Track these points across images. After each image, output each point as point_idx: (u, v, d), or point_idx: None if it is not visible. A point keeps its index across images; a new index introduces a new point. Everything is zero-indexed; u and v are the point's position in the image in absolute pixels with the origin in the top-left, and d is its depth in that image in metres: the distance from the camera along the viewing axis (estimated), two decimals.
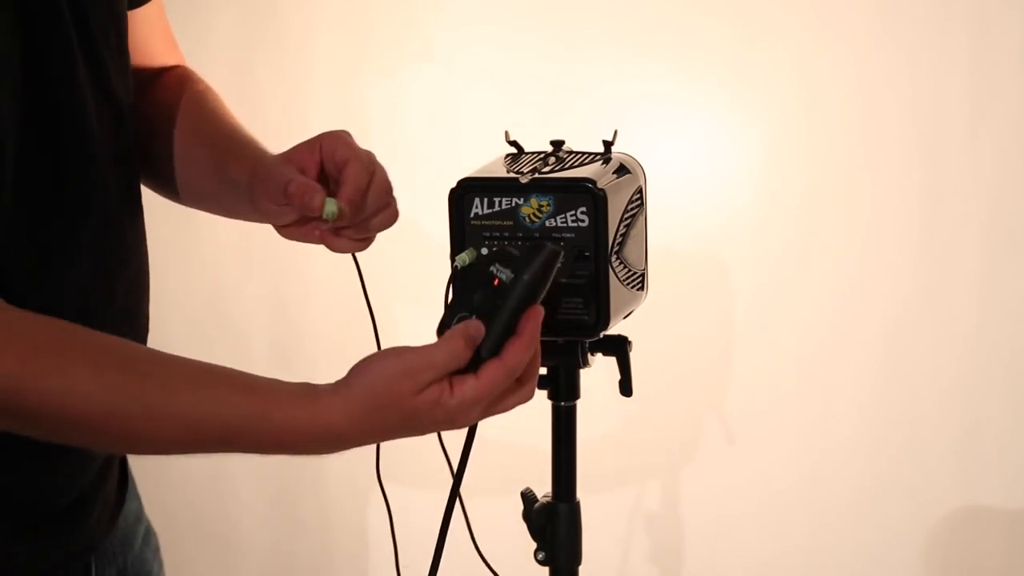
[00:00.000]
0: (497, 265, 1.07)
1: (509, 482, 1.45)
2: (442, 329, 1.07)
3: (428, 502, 1.40)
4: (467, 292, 1.07)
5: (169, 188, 1.36)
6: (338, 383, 1.05)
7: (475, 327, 1.04)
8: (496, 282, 1.06)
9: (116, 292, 1.22)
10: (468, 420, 1.07)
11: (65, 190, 1.14)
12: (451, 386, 1.04)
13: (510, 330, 1.05)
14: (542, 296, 1.07)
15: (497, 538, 2.06)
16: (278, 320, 2.28)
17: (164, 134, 1.34)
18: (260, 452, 1.14)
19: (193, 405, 1.03)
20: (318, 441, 1.06)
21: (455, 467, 1.17)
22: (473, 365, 1.05)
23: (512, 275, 1.06)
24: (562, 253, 1.10)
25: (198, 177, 1.33)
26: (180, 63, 1.42)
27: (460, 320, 1.05)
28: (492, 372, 1.05)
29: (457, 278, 1.20)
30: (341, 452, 1.39)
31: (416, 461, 1.96)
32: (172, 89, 1.37)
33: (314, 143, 1.20)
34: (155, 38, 1.37)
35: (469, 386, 1.04)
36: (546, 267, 1.07)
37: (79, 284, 1.17)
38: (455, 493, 1.17)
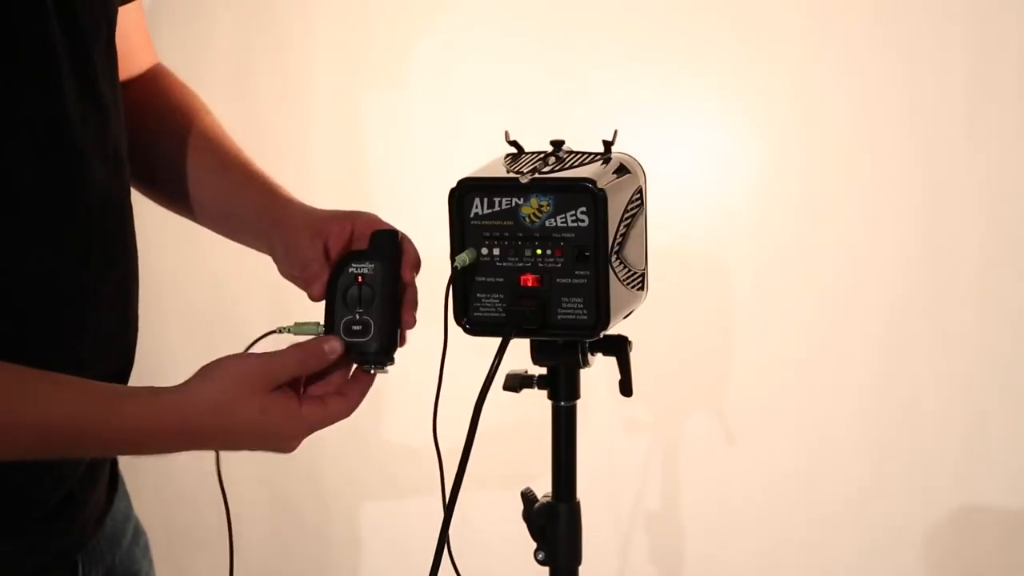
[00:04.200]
0: (354, 265, 1.18)
1: (509, 482, 1.45)
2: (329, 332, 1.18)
3: (428, 504, 1.39)
4: (340, 298, 1.18)
5: (184, 209, 1.38)
6: (185, 382, 1.11)
7: (334, 344, 1.16)
8: (360, 279, 1.17)
9: (107, 292, 1.22)
10: (301, 438, 1.15)
11: (51, 191, 1.14)
12: (301, 403, 1.12)
13: (395, 320, 1.17)
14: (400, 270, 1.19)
15: (496, 538, 2.07)
16: (278, 318, 2.27)
17: (168, 155, 1.35)
18: (110, 452, 1.17)
19: (43, 413, 1.06)
20: (164, 435, 1.10)
21: (452, 468, 1.17)
22: (365, 360, 1.17)
23: (371, 266, 1.17)
24: (398, 232, 1.21)
25: (213, 203, 1.36)
26: (154, 60, 1.42)
27: (347, 322, 1.17)
28: (336, 405, 1.15)
29: (457, 278, 1.20)
30: (339, 453, 1.38)
31: (416, 462, 1.96)
32: (163, 100, 1.37)
33: (345, 222, 1.24)
34: (135, 34, 1.37)
35: (315, 410, 1.13)
36: (394, 247, 1.19)
37: (72, 285, 1.17)
38: (454, 495, 1.17)
